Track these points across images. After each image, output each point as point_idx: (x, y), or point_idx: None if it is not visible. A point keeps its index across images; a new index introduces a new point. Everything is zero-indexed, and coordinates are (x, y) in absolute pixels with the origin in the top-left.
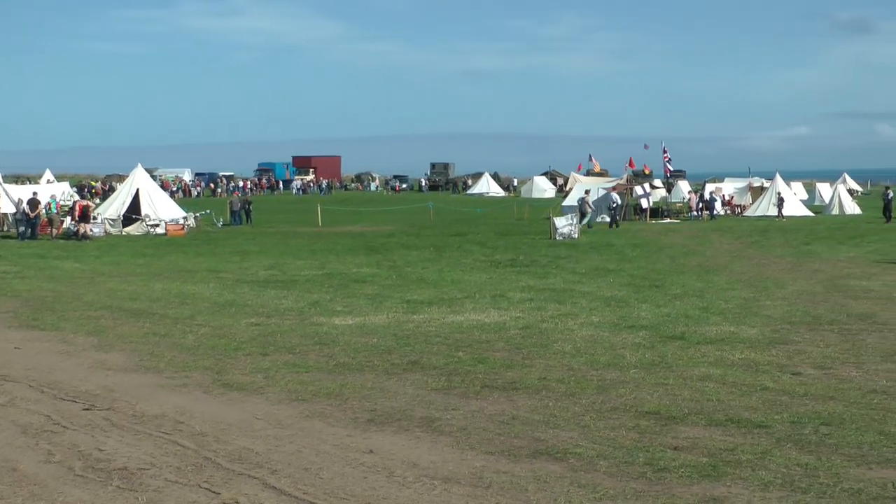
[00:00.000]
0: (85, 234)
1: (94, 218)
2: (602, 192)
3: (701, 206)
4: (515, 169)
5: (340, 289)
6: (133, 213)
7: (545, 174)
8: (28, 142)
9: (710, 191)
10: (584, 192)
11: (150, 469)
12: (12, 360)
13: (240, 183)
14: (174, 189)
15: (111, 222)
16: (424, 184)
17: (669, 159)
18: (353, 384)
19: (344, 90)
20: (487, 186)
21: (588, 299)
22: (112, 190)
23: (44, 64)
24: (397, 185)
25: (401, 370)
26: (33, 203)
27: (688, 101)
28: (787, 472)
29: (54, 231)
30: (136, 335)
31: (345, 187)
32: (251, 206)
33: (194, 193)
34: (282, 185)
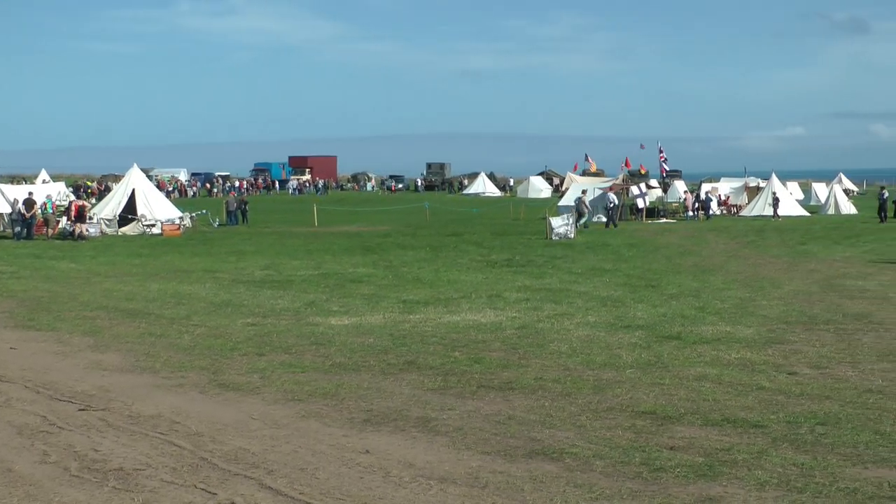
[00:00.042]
0: (81, 234)
1: (90, 218)
2: (598, 192)
3: (697, 205)
4: (513, 169)
5: (337, 289)
6: (129, 213)
7: (541, 174)
8: (25, 142)
9: (706, 191)
10: (580, 192)
11: (146, 469)
12: (8, 361)
13: (236, 183)
14: (170, 189)
15: (107, 222)
16: (420, 184)
17: (666, 159)
18: (350, 384)
19: (341, 90)
20: (483, 186)
21: (584, 299)
22: (108, 190)
23: (41, 64)
24: (393, 186)
25: (397, 370)
26: (29, 203)
27: (685, 101)
28: (784, 471)
29: (50, 231)
30: (132, 335)
31: (341, 187)
32: (247, 206)
33: (190, 193)
34: (278, 185)
